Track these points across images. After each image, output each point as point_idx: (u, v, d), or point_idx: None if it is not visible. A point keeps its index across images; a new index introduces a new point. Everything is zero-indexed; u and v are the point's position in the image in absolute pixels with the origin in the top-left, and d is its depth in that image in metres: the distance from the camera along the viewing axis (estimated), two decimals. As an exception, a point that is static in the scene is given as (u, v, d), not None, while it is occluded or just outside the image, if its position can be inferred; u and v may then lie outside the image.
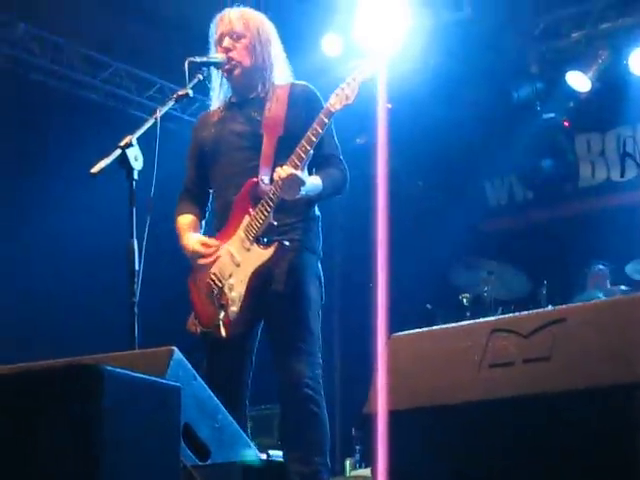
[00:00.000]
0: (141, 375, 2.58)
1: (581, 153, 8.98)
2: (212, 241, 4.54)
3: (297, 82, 4.68)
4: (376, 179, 4.68)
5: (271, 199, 4.36)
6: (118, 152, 4.06)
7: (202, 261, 4.51)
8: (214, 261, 4.50)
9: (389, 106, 5.21)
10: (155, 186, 4.27)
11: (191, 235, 4.61)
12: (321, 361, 4.46)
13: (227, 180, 4.59)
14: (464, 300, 7.67)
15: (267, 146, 4.49)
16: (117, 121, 8.32)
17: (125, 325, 3.98)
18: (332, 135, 4.61)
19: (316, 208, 4.64)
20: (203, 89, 4.80)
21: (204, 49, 4.76)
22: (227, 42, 4.61)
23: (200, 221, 4.75)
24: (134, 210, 4.09)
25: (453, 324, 3.02)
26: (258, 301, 4.43)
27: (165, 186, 4.29)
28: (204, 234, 4.69)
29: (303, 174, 4.31)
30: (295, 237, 4.48)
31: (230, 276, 4.45)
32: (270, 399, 6.14)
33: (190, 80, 4.46)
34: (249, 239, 4.43)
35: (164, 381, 2.76)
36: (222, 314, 4.40)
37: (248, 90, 4.68)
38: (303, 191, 4.32)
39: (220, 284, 4.46)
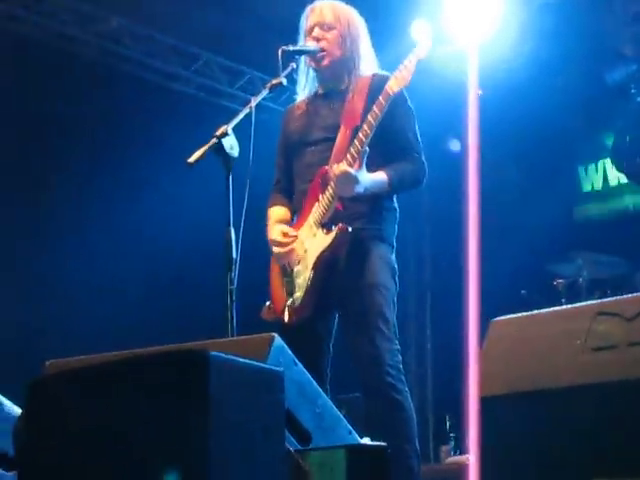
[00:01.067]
0: (245, 360, 2.61)
1: (677, 136, 8.81)
2: (291, 231, 4.59)
3: (379, 72, 4.66)
4: (467, 166, 4.65)
5: (333, 189, 4.39)
6: (214, 141, 4.11)
7: (277, 250, 4.58)
8: (289, 250, 4.55)
9: (480, 92, 5.18)
10: (250, 175, 4.32)
11: (275, 226, 4.66)
12: (399, 347, 4.45)
13: (305, 170, 4.65)
14: (559, 286, 7.59)
15: (342, 136, 4.51)
16: (209, 112, 8.40)
17: (222, 313, 4.03)
18: (409, 127, 4.58)
19: (393, 200, 4.65)
20: (294, 79, 4.83)
21: (293, 39, 4.79)
22: (317, 32, 4.63)
23: (292, 212, 4.77)
24: (231, 199, 4.14)
25: (555, 308, 2.99)
26: (329, 288, 4.45)
27: (259, 175, 4.34)
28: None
29: (360, 171, 4.30)
30: (367, 226, 4.50)
31: (298, 262, 4.51)
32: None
33: (284, 69, 4.49)
34: (316, 225, 4.47)
35: (267, 366, 2.79)
36: (289, 300, 4.46)
37: (334, 81, 4.70)
38: (360, 188, 4.33)
39: (289, 270, 4.52)
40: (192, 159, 4.08)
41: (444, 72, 7.97)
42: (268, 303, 4.64)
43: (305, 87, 4.81)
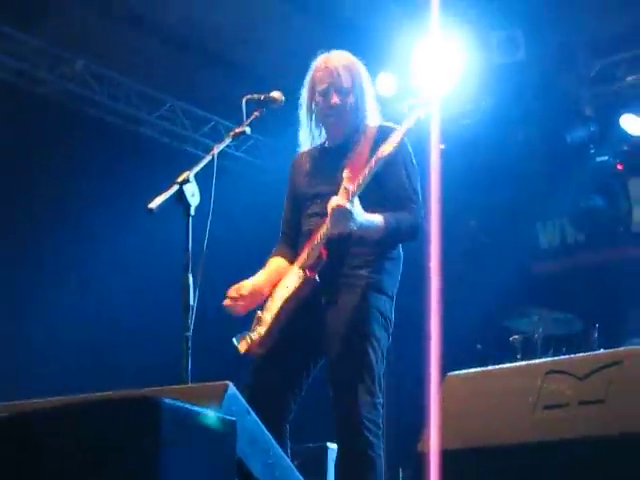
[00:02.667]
0: (198, 408, 2.61)
1: (634, 196, 8.93)
2: (245, 290, 4.53)
3: (386, 124, 4.66)
4: (429, 220, 4.65)
5: (324, 232, 4.40)
6: (176, 188, 4.11)
7: (225, 302, 4.56)
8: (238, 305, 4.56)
9: (442, 147, 5.22)
10: (211, 222, 4.32)
11: (253, 278, 4.62)
12: (381, 401, 4.41)
13: (308, 220, 4.63)
14: (515, 342, 7.64)
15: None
16: (172, 158, 8.43)
17: (179, 359, 4.02)
18: (407, 177, 4.52)
19: (397, 249, 4.58)
20: (258, 127, 4.84)
21: (259, 87, 4.81)
22: (335, 97, 4.60)
23: (291, 260, 4.74)
24: (190, 245, 4.14)
25: (508, 364, 3.02)
26: (312, 333, 4.44)
27: (220, 222, 4.34)
28: None
29: (354, 208, 4.28)
30: (363, 274, 4.46)
31: (274, 299, 4.52)
32: (317, 436, 6.13)
33: (247, 117, 4.50)
34: (299, 268, 4.48)
35: (219, 415, 2.78)
36: (252, 332, 4.47)
37: (343, 136, 4.68)
38: (354, 226, 4.30)
39: (265, 305, 4.54)
40: (153, 205, 4.06)
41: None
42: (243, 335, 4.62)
43: (309, 135, 4.79)
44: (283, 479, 3.24)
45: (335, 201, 4.25)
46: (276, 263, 4.72)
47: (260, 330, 4.48)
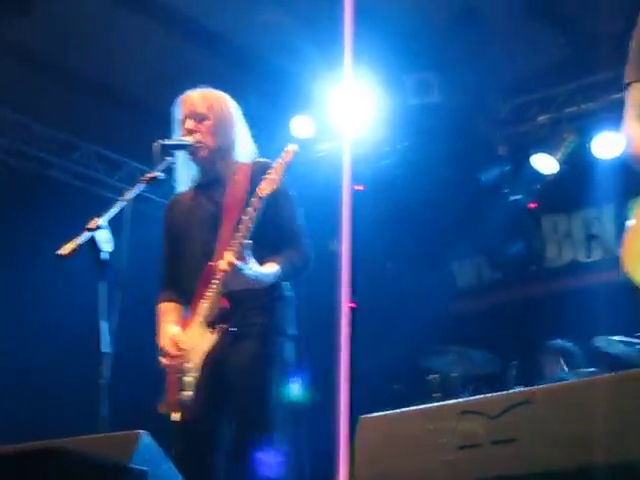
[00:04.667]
0: (105, 459, 2.56)
1: (548, 234, 9.06)
2: (183, 342, 4.42)
3: (259, 160, 4.65)
4: (341, 260, 4.66)
5: (218, 285, 4.36)
6: (87, 235, 4.05)
7: (164, 360, 4.44)
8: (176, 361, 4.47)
9: (361, 188, 5.24)
10: (127, 267, 4.27)
11: (167, 327, 4.53)
12: (285, 449, 4.38)
13: (191, 264, 4.57)
14: (433, 381, 7.66)
15: (225, 228, 4.45)
16: (87, 202, 8.33)
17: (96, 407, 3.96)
18: (291, 216, 4.57)
19: (284, 288, 4.56)
20: (173, 171, 4.81)
21: (173, 130, 4.79)
22: (190, 124, 4.61)
23: (182, 304, 4.69)
24: (105, 291, 4.09)
25: (421, 406, 3.02)
26: (220, 387, 4.40)
27: (138, 266, 4.30)
28: None
29: (249, 263, 4.28)
30: (258, 321, 4.43)
31: (189, 360, 4.42)
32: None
33: (160, 162, 4.47)
34: (203, 323, 4.41)
35: (129, 465, 2.74)
36: (179, 397, 4.39)
37: (213, 171, 4.66)
38: (249, 283, 4.27)
39: (180, 368, 4.43)
40: (63, 251, 3.99)
41: (323, 168, 8.11)
42: (165, 398, 4.54)
43: (184, 177, 4.77)
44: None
45: (228, 258, 4.24)
46: (169, 308, 4.64)
47: (186, 394, 4.40)
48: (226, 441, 4.49)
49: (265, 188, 4.31)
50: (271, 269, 4.37)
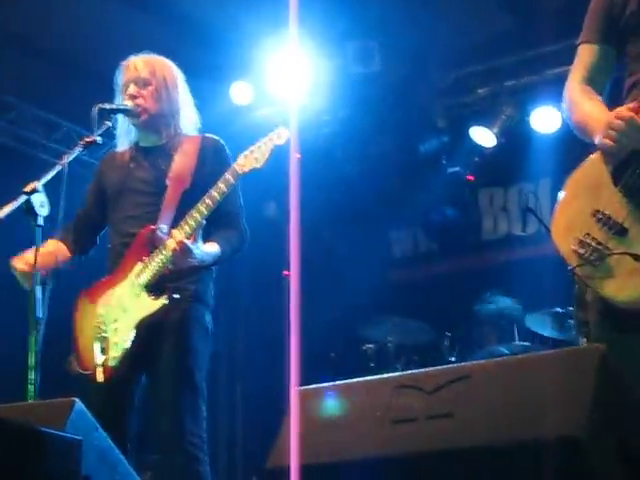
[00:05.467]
0: (40, 427, 2.54)
1: (484, 207, 9.11)
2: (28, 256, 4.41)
3: (208, 135, 4.66)
4: (288, 228, 4.67)
5: (167, 258, 4.34)
6: (23, 198, 4.01)
7: (16, 263, 4.46)
8: (94, 296, 4.47)
9: (298, 156, 5.22)
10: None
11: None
12: (205, 414, 4.40)
13: (125, 223, 4.56)
14: (368, 351, 7.70)
15: (171, 197, 4.46)
16: (24, 164, 8.20)
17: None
18: (236, 194, 4.59)
19: None
20: (112, 135, 4.77)
21: (113, 94, 4.74)
22: (133, 89, 4.58)
23: (72, 252, 4.67)
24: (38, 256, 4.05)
25: (357, 379, 3.02)
26: (144, 350, 4.39)
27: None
28: (98, 274, 4.64)
29: (196, 244, 4.28)
30: (186, 287, 4.46)
31: (115, 320, 4.41)
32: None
33: (99, 127, 4.44)
34: (141, 287, 4.39)
35: (63, 434, 2.71)
36: (102, 358, 4.36)
37: (155, 136, 4.66)
38: (195, 261, 4.32)
39: (104, 327, 4.41)
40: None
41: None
42: (73, 356, 4.51)
43: (125, 140, 4.74)
44: (131, 495, 3.20)
45: (179, 237, 4.24)
46: (50, 246, 4.61)
47: (113, 355, 4.38)
48: (139, 401, 4.52)
49: (244, 165, 4.31)
50: (213, 249, 4.40)
